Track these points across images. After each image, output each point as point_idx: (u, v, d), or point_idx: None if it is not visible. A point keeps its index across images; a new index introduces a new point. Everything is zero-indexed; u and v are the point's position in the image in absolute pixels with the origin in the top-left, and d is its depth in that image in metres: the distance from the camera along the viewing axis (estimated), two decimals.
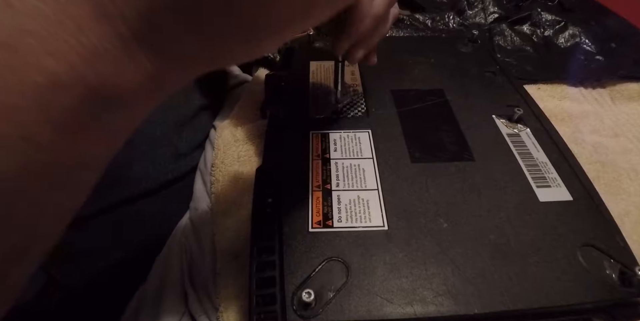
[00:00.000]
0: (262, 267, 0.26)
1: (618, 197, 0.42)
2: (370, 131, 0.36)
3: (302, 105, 0.39)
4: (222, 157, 0.44)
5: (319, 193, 0.30)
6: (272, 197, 0.30)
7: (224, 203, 0.40)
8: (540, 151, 0.34)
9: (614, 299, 0.25)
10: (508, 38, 0.59)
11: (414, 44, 0.50)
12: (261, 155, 0.34)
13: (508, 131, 0.36)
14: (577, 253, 0.27)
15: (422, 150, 0.34)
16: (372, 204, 0.29)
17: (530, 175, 0.32)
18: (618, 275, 0.26)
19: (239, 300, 0.34)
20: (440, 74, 0.43)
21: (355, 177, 0.31)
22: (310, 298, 0.23)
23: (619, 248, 0.27)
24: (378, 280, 0.25)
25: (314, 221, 0.28)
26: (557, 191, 0.31)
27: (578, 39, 0.59)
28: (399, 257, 0.26)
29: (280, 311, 0.24)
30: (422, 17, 0.62)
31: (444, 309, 0.24)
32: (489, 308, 0.24)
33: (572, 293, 0.25)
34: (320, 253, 0.26)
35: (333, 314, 0.23)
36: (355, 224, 0.28)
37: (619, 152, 0.47)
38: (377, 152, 0.33)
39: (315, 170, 0.32)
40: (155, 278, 0.37)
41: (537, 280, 0.25)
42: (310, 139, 0.35)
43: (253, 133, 0.47)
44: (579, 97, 0.54)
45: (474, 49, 0.47)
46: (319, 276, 0.25)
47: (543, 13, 0.61)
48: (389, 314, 0.24)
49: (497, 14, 0.63)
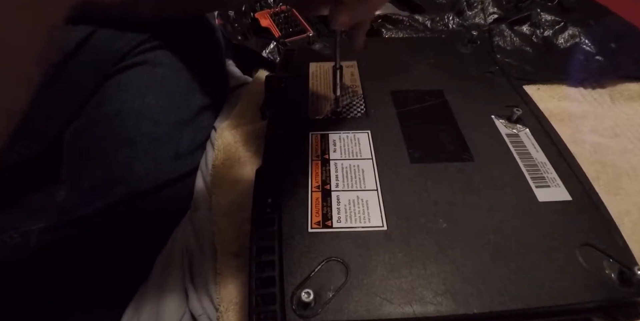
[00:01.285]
0: (261, 267, 0.27)
1: (618, 197, 0.42)
2: (370, 132, 0.36)
3: (301, 106, 0.39)
4: (222, 157, 0.44)
5: (319, 193, 0.30)
6: (271, 198, 0.30)
7: (224, 203, 0.40)
8: (539, 151, 0.34)
9: (613, 299, 0.25)
10: (508, 38, 0.59)
11: (413, 45, 0.50)
12: (262, 156, 0.34)
13: (507, 131, 0.36)
14: (576, 253, 0.27)
15: (421, 151, 0.34)
16: (371, 204, 0.30)
17: (529, 175, 0.32)
18: (617, 274, 0.26)
19: (240, 300, 0.34)
20: (440, 75, 0.43)
21: (355, 177, 0.32)
22: (309, 298, 0.23)
23: (618, 248, 0.27)
24: (377, 280, 0.25)
25: (313, 221, 0.28)
26: (556, 191, 0.31)
27: (578, 39, 0.59)
28: (398, 257, 0.26)
29: (279, 311, 0.24)
30: (422, 18, 0.62)
31: (443, 309, 0.24)
32: (488, 307, 0.24)
33: (571, 292, 0.25)
34: (319, 253, 0.26)
35: (332, 314, 0.24)
36: (355, 224, 0.28)
37: (618, 152, 0.47)
38: (377, 153, 0.34)
39: (314, 170, 0.32)
40: (157, 278, 0.37)
41: (536, 280, 0.25)
42: (309, 140, 0.35)
43: (254, 135, 0.47)
44: (578, 97, 0.54)
45: (474, 49, 0.47)
46: (319, 276, 0.25)
47: (543, 13, 0.61)
48: (388, 314, 0.24)
49: (497, 14, 0.63)
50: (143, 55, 0.37)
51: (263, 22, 0.63)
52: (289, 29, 0.62)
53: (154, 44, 0.38)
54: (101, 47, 0.36)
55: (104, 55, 0.36)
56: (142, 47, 0.37)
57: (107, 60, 0.36)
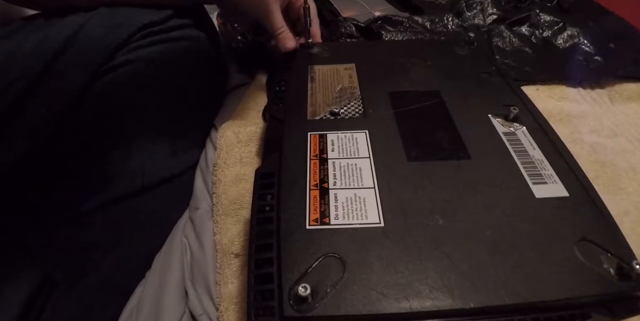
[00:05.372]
0: (260, 264, 0.27)
1: (617, 197, 0.42)
2: (367, 131, 0.36)
3: (301, 107, 0.39)
4: (224, 157, 0.44)
5: (316, 191, 0.31)
6: (270, 196, 0.31)
7: (225, 203, 0.40)
8: (536, 148, 0.34)
9: (612, 293, 0.25)
10: (507, 39, 0.60)
11: (411, 47, 0.51)
12: (262, 156, 0.35)
13: (504, 130, 0.36)
14: (574, 248, 0.27)
15: (418, 149, 0.34)
16: (368, 202, 0.30)
17: (526, 172, 0.32)
18: (615, 269, 0.26)
19: (240, 299, 0.34)
20: (437, 76, 0.43)
21: (352, 175, 0.32)
22: (306, 293, 0.23)
23: (616, 243, 0.27)
24: (374, 275, 0.25)
25: (311, 219, 0.29)
26: (553, 187, 0.31)
27: (577, 40, 0.59)
28: (394, 253, 0.26)
29: (277, 307, 0.24)
30: (421, 19, 0.63)
31: (440, 303, 0.24)
32: (485, 302, 0.24)
33: (569, 287, 0.25)
34: (317, 249, 0.27)
35: (329, 308, 0.24)
36: (352, 221, 0.28)
37: (617, 152, 0.47)
38: (374, 151, 0.34)
39: (312, 169, 0.33)
40: (156, 277, 0.38)
41: (534, 275, 0.26)
42: (308, 140, 0.35)
43: (256, 135, 0.47)
44: (577, 98, 0.54)
45: (471, 51, 0.48)
46: (316, 272, 0.25)
47: (541, 14, 0.62)
48: (384, 308, 0.24)
49: (496, 15, 0.64)
50: (136, 52, 0.37)
51: None
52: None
53: (148, 40, 0.38)
54: (92, 43, 0.36)
55: (94, 51, 0.36)
56: (137, 44, 0.37)
57: (97, 56, 0.36)
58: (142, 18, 0.38)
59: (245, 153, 0.45)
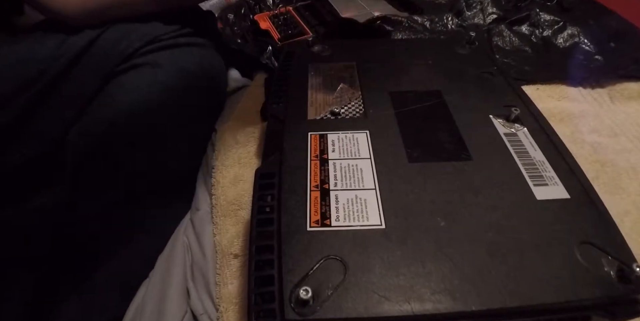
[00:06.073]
0: (261, 266, 0.27)
1: (617, 196, 0.42)
2: (368, 132, 0.36)
3: (301, 107, 0.39)
4: (222, 158, 0.44)
5: (317, 193, 0.31)
6: (271, 197, 0.31)
7: (224, 204, 0.40)
8: (537, 150, 0.34)
9: (612, 296, 0.25)
10: (507, 39, 0.60)
11: (412, 47, 0.50)
12: (261, 157, 0.35)
13: (505, 131, 0.36)
14: (574, 251, 0.27)
15: (419, 150, 0.34)
16: (369, 203, 0.30)
17: (527, 174, 0.32)
18: (616, 272, 0.26)
19: (239, 300, 0.34)
20: (438, 76, 0.43)
21: (353, 176, 0.32)
22: (307, 296, 0.23)
23: (617, 245, 0.27)
24: (375, 278, 0.25)
25: (312, 220, 0.29)
26: (554, 189, 0.31)
27: (577, 39, 0.59)
28: (396, 255, 0.26)
29: (278, 309, 0.24)
30: (421, 19, 0.62)
31: (442, 306, 0.24)
32: (487, 305, 0.24)
33: (570, 290, 0.25)
34: (318, 251, 0.27)
35: (330, 311, 0.24)
36: (353, 223, 0.28)
37: (618, 152, 0.47)
38: (375, 152, 0.34)
39: (313, 170, 0.32)
40: (158, 277, 0.37)
41: (535, 277, 0.26)
42: (308, 140, 0.35)
43: (254, 136, 0.47)
44: (578, 97, 0.54)
45: (472, 50, 0.48)
46: (317, 275, 0.25)
47: (542, 13, 0.62)
48: (386, 311, 0.24)
49: (496, 14, 0.64)
50: (145, 57, 0.38)
51: (262, 25, 0.63)
52: (288, 31, 0.62)
53: (157, 46, 0.39)
54: (106, 49, 0.37)
55: (108, 56, 0.37)
56: (146, 49, 0.38)
57: (111, 62, 0.37)
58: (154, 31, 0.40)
59: (243, 154, 0.45)
